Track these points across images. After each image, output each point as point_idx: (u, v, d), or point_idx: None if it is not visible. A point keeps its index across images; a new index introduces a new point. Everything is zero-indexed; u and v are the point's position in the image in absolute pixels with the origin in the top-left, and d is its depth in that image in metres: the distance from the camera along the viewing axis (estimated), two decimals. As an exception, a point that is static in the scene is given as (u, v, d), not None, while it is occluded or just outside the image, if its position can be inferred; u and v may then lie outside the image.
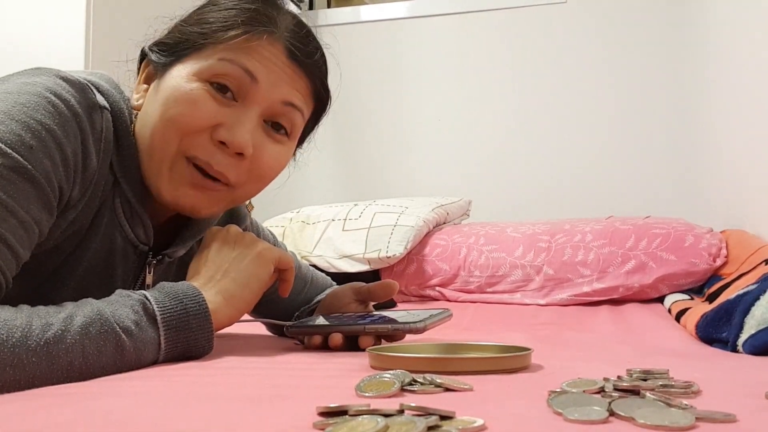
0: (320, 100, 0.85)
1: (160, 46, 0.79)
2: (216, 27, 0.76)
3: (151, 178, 0.76)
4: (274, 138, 0.79)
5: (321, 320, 0.87)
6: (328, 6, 2.86)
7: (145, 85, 0.81)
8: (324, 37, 0.85)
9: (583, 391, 0.50)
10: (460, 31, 2.50)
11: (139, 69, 0.83)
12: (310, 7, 2.76)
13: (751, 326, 0.80)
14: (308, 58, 0.80)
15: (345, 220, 1.92)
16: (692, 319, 0.99)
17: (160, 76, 0.78)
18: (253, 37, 0.76)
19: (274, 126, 0.79)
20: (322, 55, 0.83)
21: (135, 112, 0.79)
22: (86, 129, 0.70)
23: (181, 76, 0.75)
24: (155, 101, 0.76)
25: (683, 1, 2.23)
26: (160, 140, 0.75)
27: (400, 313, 0.83)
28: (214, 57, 0.75)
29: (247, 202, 0.89)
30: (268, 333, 1.06)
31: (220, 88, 0.75)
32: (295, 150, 0.87)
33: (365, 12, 2.65)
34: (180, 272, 0.88)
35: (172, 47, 0.78)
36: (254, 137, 0.77)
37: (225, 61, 0.75)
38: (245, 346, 0.85)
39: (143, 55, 0.82)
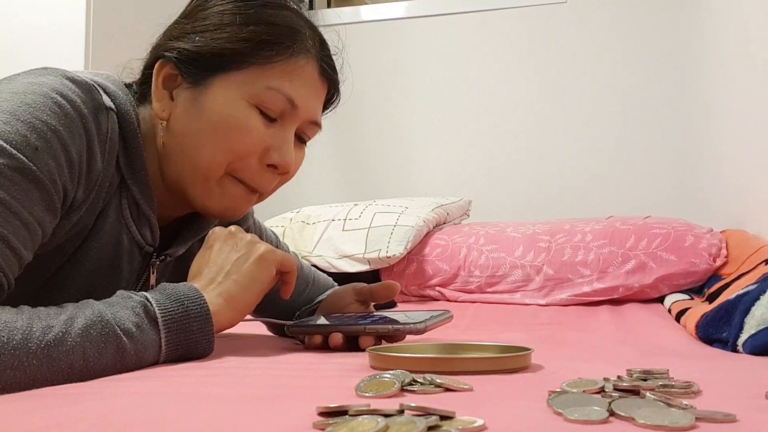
0: (329, 101, 0.88)
1: (189, 54, 0.77)
2: (257, 43, 0.77)
3: (197, 193, 0.79)
4: (299, 148, 0.84)
5: (322, 320, 0.87)
6: (328, 6, 2.87)
7: (166, 91, 0.79)
8: (324, 38, 0.85)
9: (583, 391, 0.50)
10: (460, 31, 2.50)
11: (147, 71, 0.81)
12: (310, 7, 2.76)
13: (751, 326, 0.80)
14: (336, 73, 0.85)
15: (345, 220, 1.92)
16: (692, 319, 0.99)
17: (194, 88, 0.77)
18: (299, 60, 0.79)
19: (298, 137, 0.84)
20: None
21: (162, 122, 0.78)
22: (92, 130, 0.70)
23: (228, 98, 0.76)
24: (195, 117, 0.77)
25: (683, 2, 2.23)
26: (209, 160, 0.77)
27: (401, 314, 0.83)
28: (260, 83, 0.77)
29: None
30: (269, 333, 1.06)
31: (264, 109, 0.79)
32: None
33: (365, 12, 2.64)
34: (178, 270, 0.88)
35: (207, 60, 0.77)
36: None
37: (273, 91, 0.78)
38: (245, 346, 0.85)
39: (155, 58, 0.80)
